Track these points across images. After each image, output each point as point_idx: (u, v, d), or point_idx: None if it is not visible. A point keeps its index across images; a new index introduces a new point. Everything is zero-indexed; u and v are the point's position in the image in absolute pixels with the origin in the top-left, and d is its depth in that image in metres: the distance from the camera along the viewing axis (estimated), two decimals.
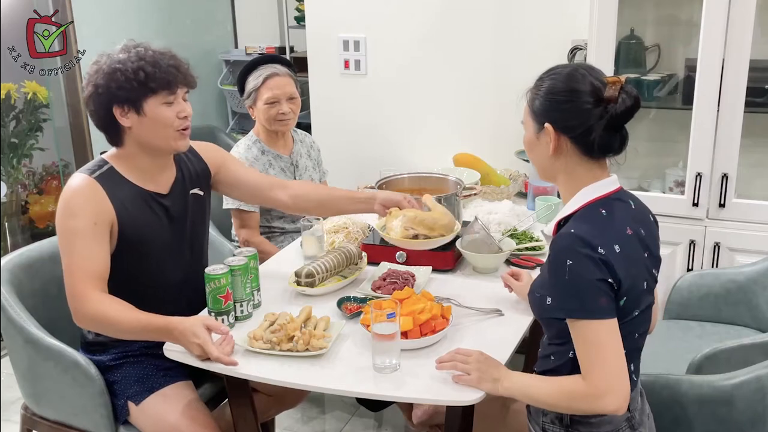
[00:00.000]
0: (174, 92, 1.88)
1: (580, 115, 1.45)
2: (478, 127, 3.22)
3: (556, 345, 1.53)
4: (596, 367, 1.39)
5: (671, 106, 2.87)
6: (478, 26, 3.11)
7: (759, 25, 2.44)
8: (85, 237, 1.83)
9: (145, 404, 1.91)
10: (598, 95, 1.44)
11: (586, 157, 1.49)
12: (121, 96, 1.84)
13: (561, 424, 1.52)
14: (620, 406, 1.39)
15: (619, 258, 1.41)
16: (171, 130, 1.89)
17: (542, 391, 1.48)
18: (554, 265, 1.43)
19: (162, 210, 1.97)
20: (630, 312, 1.46)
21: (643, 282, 1.48)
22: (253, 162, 2.63)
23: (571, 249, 1.40)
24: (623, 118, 1.45)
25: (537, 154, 1.55)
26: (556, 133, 1.48)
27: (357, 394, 1.78)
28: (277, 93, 2.62)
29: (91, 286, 1.82)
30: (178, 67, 1.89)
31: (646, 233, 1.53)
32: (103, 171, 1.91)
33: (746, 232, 2.56)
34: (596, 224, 1.44)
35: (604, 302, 1.39)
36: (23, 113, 3.45)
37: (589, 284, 1.38)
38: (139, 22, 4.14)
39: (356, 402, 2.77)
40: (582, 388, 1.41)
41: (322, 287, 2.04)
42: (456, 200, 2.26)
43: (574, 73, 1.48)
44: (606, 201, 1.49)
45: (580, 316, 1.40)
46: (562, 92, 1.46)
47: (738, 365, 1.72)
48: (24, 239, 3.56)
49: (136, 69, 1.83)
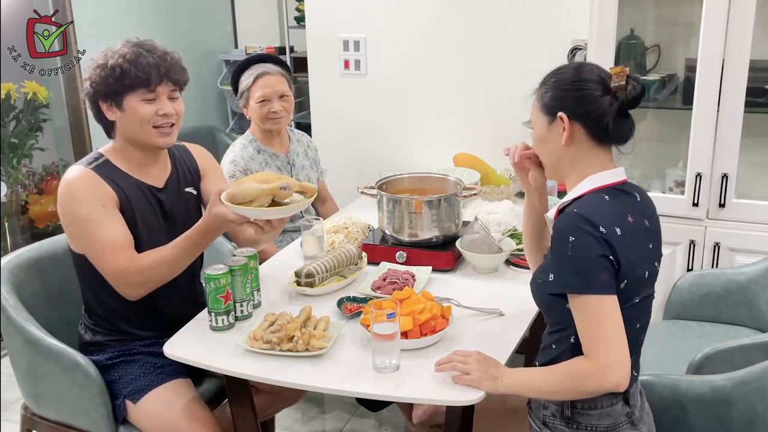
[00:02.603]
0: (153, 90, 1.88)
1: (593, 102, 1.50)
2: (478, 127, 3.22)
3: (557, 332, 1.54)
4: (599, 342, 1.41)
5: (671, 106, 2.87)
6: (478, 26, 3.11)
7: (759, 25, 2.43)
8: (99, 219, 1.86)
9: (142, 402, 1.91)
10: (606, 85, 1.50)
11: (598, 145, 1.53)
12: (102, 92, 1.89)
13: (561, 417, 1.53)
14: (622, 379, 1.41)
15: (620, 239, 1.44)
16: (149, 127, 1.91)
17: (544, 380, 1.50)
18: (558, 242, 1.46)
19: (157, 204, 1.99)
20: (631, 297, 1.48)
21: (645, 270, 1.51)
22: (249, 161, 2.63)
23: (575, 226, 1.43)
24: (633, 103, 1.50)
25: (548, 147, 1.57)
26: (570, 121, 1.51)
27: (357, 394, 1.78)
28: (268, 92, 2.63)
29: (123, 258, 1.86)
30: (160, 65, 1.88)
31: (651, 226, 1.56)
32: (99, 163, 1.94)
33: (746, 232, 2.56)
34: (599, 207, 1.48)
35: (605, 278, 1.42)
36: (23, 113, 3.45)
37: (591, 260, 1.41)
38: (140, 22, 4.14)
39: (356, 402, 2.77)
40: (585, 366, 1.43)
41: (322, 287, 2.04)
42: (456, 200, 2.26)
43: (582, 66, 1.55)
44: (610, 190, 1.53)
45: (582, 290, 1.42)
46: (573, 82, 1.52)
47: (738, 365, 1.72)
48: (24, 239, 3.56)
49: (114, 66, 1.86)
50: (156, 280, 1.90)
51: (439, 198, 2.22)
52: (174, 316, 1.98)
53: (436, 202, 2.21)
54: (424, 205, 2.20)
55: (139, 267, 1.87)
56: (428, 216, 2.21)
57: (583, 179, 1.53)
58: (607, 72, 1.53)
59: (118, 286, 1.89)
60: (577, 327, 1.45)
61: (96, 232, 1.86)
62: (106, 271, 1.88)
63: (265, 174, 1.91)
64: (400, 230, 2.24)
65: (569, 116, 1.51)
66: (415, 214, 2.21)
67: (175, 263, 1.90)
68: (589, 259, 1.42)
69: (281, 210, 1.84)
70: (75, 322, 2.08)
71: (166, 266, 1.89)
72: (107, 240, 1.86)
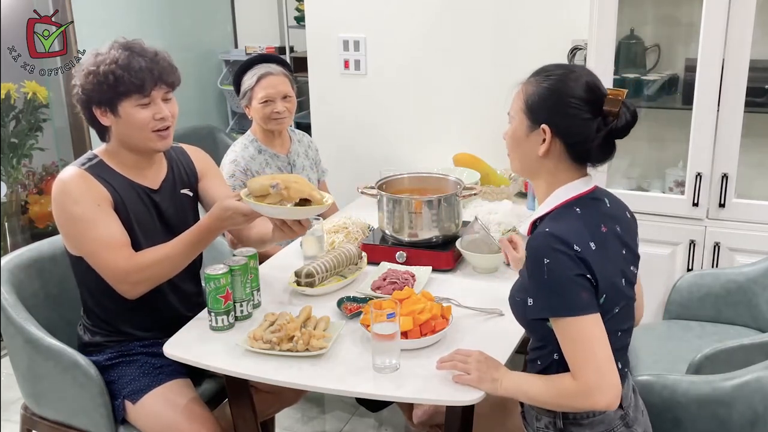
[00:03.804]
0: (147, 94, 1.87)
1: (581, 125, 1.45)
2: (478, 127, 3.22)
3: (539, 350, 1.53)
4: (585, 364, 1.39)
5: (671, 106, 2.87)
6: (478, 26, 3.11)
7: (759, 25, 2.43)
8: (95, 218, 1.85)
9: (142, 403, 1.91)
10: (597, 106, 1.44)
11: (574, 162, 1.50)
12: (95, 98, 1.87)
13: (554, 429, 1.53)
14: (612, 401, 1.39)
15: (595, 255, 1.41)
16: (147, 132, 1.89)
17: (537, 389, 1.49)
18: (532, 264, 1.42)
19: (152, 205, 1.98)
20: (610, 309, 1.46)
21: (621, 279, 1.49)
22: (249, 161, 2.63)
23: (547, 247, 1.40)
24: (622, 132, 1.46)
25: (523, 150, 1.53)
26: (552, 136, 1.47)
27: (357, 394, 1.78)
28: (271, 92, 2.63)
29: (121, 256, 1.84)
30: (153, 69, 1.87)
31: (623, 230, 1.53)
32: (93, 163, 1.93)
33: (746, 232, 2.56)
34: (571, 223, 1.45)
35: (585, 297, 1.39)
36: (23, 113, 3.45)
37: (568, 280, 1.39)
38: (139, 22, 4.14)
39: (356, 402, 2.77)
40: (573, 387, 1.41)
41: (322, 287, 2.04)
42: (456, 200, 2.26)
43: (576, 75, 1.47)
44: (580, 200, 1.49)
45: (564, 313, 1.39)
46: (564, 95, 1.45)
47: (738, 365, 1.72)
48: (24, 239, 3.56)
49: (107, 72, 1.83)
50: (156, 278, 1.89)
51: (439, 198, 2.22)
52: (174, 317, 1.98)
53: (436, 202, 2.21)
54: (424, 205, 2.20)
55: (139, 265, 1.86)
56: (428, 216, 2.21)
57: (552, 190, 1.51)
58: (603, 88, 1.47)
59: (117, 284, 1.87)
60: (562, 349, 1.43)
61: (92, 231, 1.85)
62: (104, 270, 1.87)
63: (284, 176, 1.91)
64: (400, 230, 2.24)
65: (553, 131, 1.46)
66: (415, 214, 2.21)
67: (175, 261, 1.89)
68: (566, 281, 1.39)
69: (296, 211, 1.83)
70: (75, 323, 2.08)
71: (166, 264, 1.88)
72: (104, 238, 1.84)
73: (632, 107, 1.46)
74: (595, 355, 1.38)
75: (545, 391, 1.46)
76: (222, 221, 1.85)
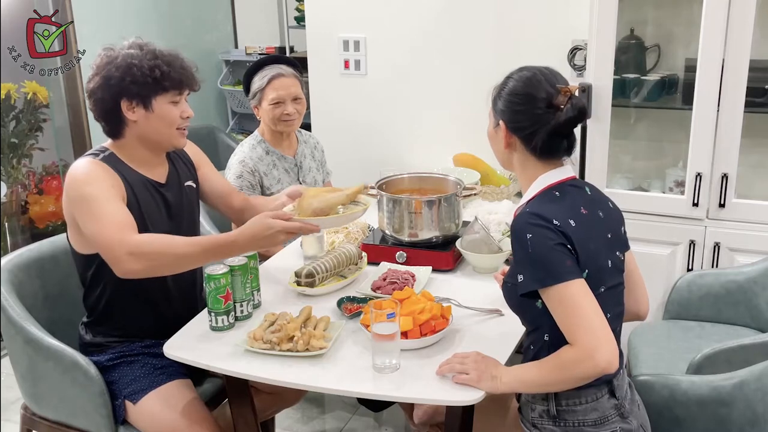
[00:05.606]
0: (182, 93, 1.96)
1: (529, 119, 1.55)
2: (478, 127, 3.18)
3: (532, 333, 1.58)
4: (578, 328, 1.43)
5: (671, 106, 2.87)
6: (479, 26, 3.11)
7: (759, 25, 2.43)
8: (107, 196, 1.84)
9: (142, 403, 1.91)
10: (550, 101, 1.53)
11: (537, 153, 1.58)
12: (133, 90, 1.88)
13: (548, 416, 1.55)
14: (611, 360, 1.42)
15: (575, 230, 1.49)
16: (173, 128, 1.96)
17: (536, 373, 1.51)
18: (517, 244, 1.50)
19: (161, 199, 2.00)
20: (596, 287, 1.50)
21: (606, 260, 1.55)
22: (257, 162, 2.63)
23: (528, 223, 1.49)
24: (566, 126, 1.55)
25: (495, 145, 1.68)
26: (507, 131, 1.60)
27: (357, 395, 1.78)
28: (282, 94, 2.62)
29: (127, 234, 1.79)
30: (188, 69, 1.97)
31: (606, 216, 1.61)
32: (106, 155, 1.95)
33: (746, 232, 2.56)
34: (550, 204, 1.54)
35: (569, 264, 1.46)
36: (23, 113, 3.45)
37: (550, 249, 1.46)
38: (140, 22, 4.14)
39: (357, 402, 2.77)
40: (572, 353, 1.44)
41: (322, 287, 2.04)
42: (456, 200, 2.26)
43: (533, 78, 1.57)
44: (559, 186, 1.58)
45: (550, 282, 1.45)
46: (519, 95, 1.57)
47: (738, 365, 1.72)
48: (24, 239, 3.56)
49: (152, 66, 1.89)
50: (155, 264, 1.80)
51: (439, 198, 2.22)
52: (174, 317, 1.98)
53: (436, 202, 2.21)
54: (424, 205, 2.20)
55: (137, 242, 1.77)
56: (428, 216, 2.21)
57: (532, 181, 1.60)
58: (553, 85, 1.55)
59: (110, 261, 1.79)
60: (556, 320, 1.47)
61: (102, 207, 1.81)
62: (101, 248, 1.80)
63: (314, 190, 2.08)
64: (400, 230, 2.24)
65: (507, 128, 1.59)
66: (415, 214, 2.21)
67: (181, 259, 1.82)
68: (549, 251, 1.46)
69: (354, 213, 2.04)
70: (75, 322, 2.08)
71: (171, 258, 1.80)
72: (111, 217, 1.80)
73: (579, 103, 1.54)
74: (587, 317, 1.43)
75: (546, 372, 1.49)
76: (259, 240, 1.80)
